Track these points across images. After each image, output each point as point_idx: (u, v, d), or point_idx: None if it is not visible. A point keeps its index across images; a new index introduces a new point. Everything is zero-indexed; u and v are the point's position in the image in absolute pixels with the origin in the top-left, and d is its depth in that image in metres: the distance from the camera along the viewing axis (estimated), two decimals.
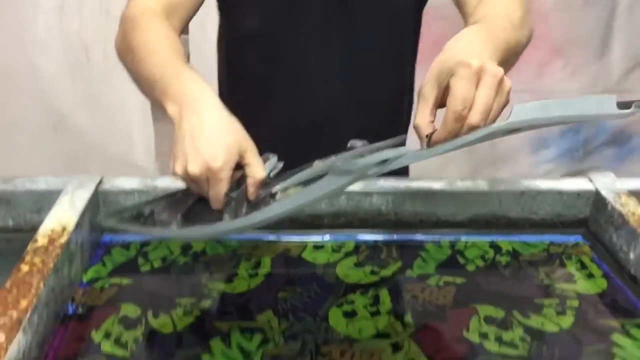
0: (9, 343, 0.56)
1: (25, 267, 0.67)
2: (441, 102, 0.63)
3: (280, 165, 0.70)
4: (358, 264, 0.83)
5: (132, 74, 0.76)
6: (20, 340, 0.58)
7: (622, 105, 0.61)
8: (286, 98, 0.98)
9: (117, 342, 0.68)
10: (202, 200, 0.65)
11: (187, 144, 0.62)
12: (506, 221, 0.90)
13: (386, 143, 0.70)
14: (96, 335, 0.69)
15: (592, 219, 0.89)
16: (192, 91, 0.65)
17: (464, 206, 0.89)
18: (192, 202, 0.67)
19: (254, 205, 0.64)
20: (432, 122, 0.63)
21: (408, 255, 0.85)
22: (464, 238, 0.88)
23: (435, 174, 0.96)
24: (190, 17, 0.90)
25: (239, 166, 0.64)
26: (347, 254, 0.85)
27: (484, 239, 0.88)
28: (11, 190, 0.83)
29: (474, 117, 0.59)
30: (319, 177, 0.64)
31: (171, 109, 0.65)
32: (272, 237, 0.87)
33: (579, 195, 0.89)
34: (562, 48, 1.73)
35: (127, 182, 0.85)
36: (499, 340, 0.70)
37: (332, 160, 0.64)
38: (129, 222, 0.66)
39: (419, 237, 0.88)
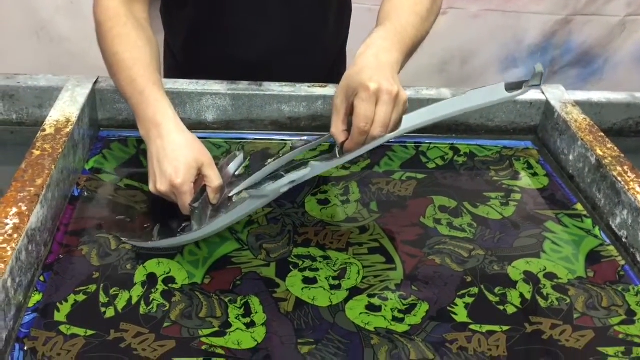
0: (30, 213, 0.66)
1: (37, 152, 0.75)
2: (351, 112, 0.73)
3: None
4: (328, 141, 0.92)
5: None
6: (38, 212, 0.68)
7: (514, 85, 0.71)
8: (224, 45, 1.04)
9: None
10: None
11: (154, 166, 0.74)
12: (466, 127, 1.00)
13: (318, 141, 0.81)
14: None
15: (541, 126, 1.00)
16: (155, 117, 0.76)
17: None
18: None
19: (217, 209, 0.75)
20: (345, 130, 0.73)
21: (376, 154, 0.95)
22: (427, 141, 0.99)
23: None
24: None
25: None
26: (322, 152, 0.94)
27: (445, 142, 0.99)
28: (14, 86, 0.90)
29: (375, 131, 0.70)
30: (269, 178, 0.77)
31: (140, 130, 0.78)
32: (257, 135, 0.97)
33: (531, 104, 0.99)
34: None
35: None
36: (450, 225, 0.82)
37: (249, 191, 0.74)
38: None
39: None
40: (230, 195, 0.78)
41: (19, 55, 1.92)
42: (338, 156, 0.74)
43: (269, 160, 0.82)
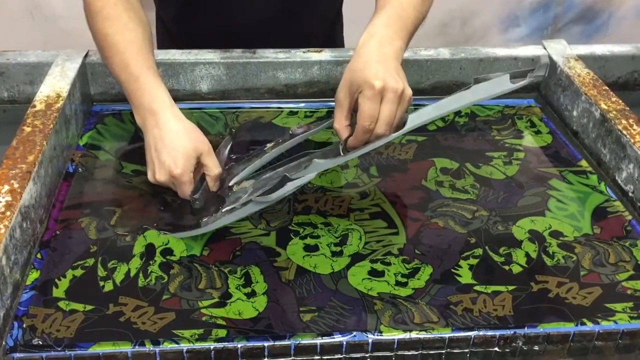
0: (23, 190, 0.64)
1: (27, 129, 0.74)
2: (354, 107, 0.71)
3: None
4: (328, 127, 0.90)
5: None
6: (31, 189, 0.66)
7: (518, 74, 0.71)
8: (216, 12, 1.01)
9: None
10: None
11: (152, 155, 0.73)
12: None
13: (321, 127, 0.81)
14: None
15: (544, 82, 0.98)
16: (152, 105, 0.74)
17: (428, 73, 0.96)
18: None
19: (217, 197, 0.75)
20: (348, 125, 0.72)
21: None
22: (426, 103, 0.96)
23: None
24: None
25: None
26: (319, 119, 0.93)
27: None
28: (4, 63, 0.89)
29: (380, 129, 0.69)
30: (270, 167, 0.77)
31: (137, 118, 0.77)
32: (253, 104, 0.95)
33: (532, 60, 0.96)
34: None
35: None
36: (452, 187, 0.80)
37: (255, 198, 0.71)
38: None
39: None
40: (230, 184, 0.77)
41: (14, 34, 1.90)
42: (342, 154, 0.73)
43: (268, 146, 0.80)
